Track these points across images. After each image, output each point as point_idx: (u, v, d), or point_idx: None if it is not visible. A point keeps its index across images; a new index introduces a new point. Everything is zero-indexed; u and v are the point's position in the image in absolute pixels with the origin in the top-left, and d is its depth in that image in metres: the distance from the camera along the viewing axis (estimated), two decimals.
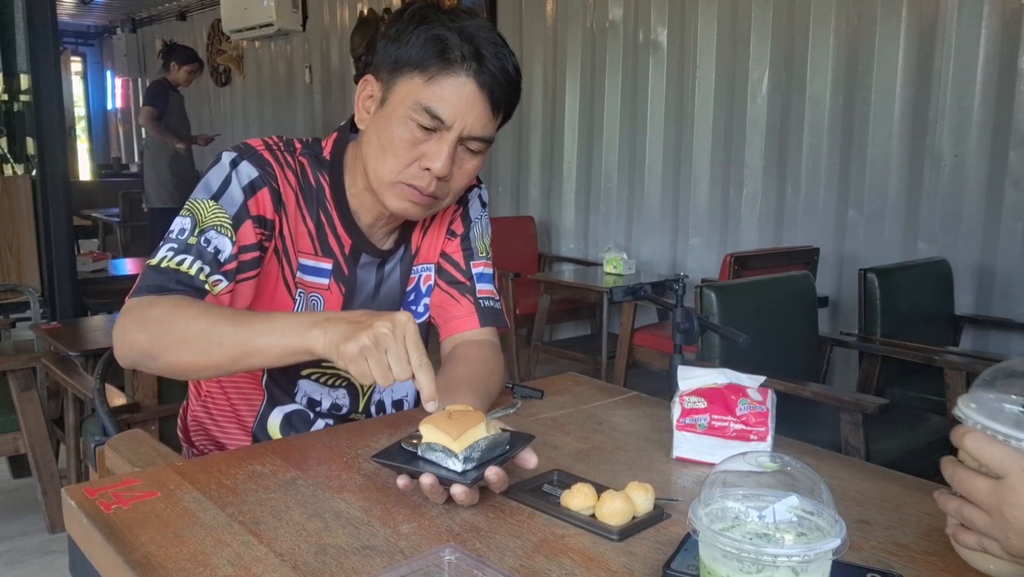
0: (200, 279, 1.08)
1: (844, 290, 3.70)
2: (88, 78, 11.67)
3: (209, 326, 1.00)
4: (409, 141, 1.11)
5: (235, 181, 1.14)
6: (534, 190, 5.21)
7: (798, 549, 0.54)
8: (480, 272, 1.34)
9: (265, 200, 1.15)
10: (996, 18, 3.18)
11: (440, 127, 1.10)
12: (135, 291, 1.08)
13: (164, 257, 1.09)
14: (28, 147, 3.82)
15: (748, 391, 1.09)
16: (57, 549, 2.57)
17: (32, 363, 2.56)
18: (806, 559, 0.54)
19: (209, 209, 1.12)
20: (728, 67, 4.09)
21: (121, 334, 1.05)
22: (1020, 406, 0.62)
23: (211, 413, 1.32)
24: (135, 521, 0.86)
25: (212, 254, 1.10)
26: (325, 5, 6.77)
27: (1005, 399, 0.63)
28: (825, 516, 0.58)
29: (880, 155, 3.55)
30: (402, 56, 1.11)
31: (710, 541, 0.56)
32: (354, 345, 0.90)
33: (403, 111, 1.11)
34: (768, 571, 0.54)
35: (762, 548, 0.54)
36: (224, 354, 0.99)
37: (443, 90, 1.09)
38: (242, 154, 1.16)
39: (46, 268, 3.71)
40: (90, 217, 7.11)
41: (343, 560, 0.79)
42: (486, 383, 1.21)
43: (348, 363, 0.91)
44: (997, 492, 0.59)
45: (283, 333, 0.97)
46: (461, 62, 1.09)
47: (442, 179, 1.14)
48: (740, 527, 0.58)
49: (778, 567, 0.54)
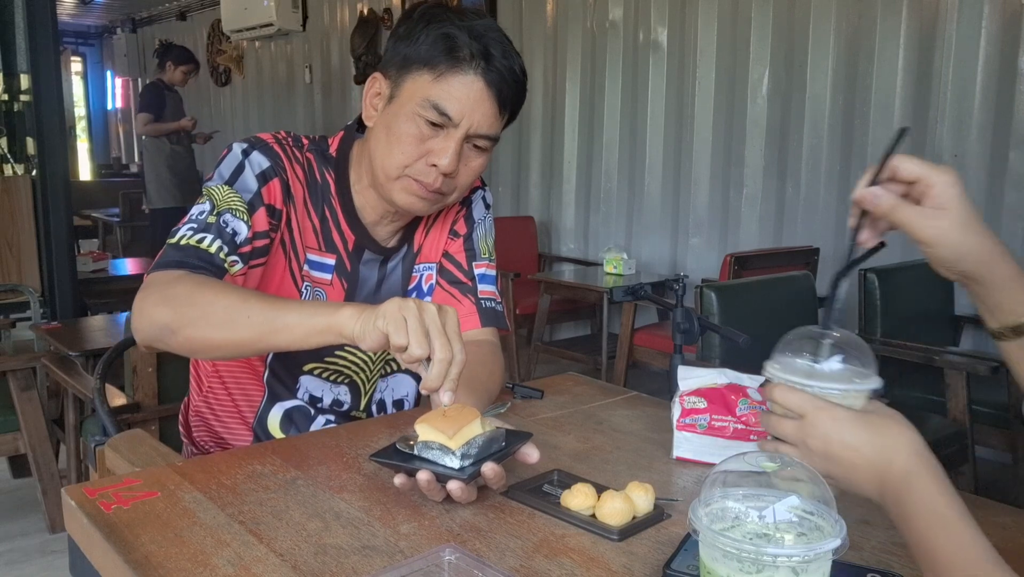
0: (220, 257, 1.09)
1: (844, 290, 3.70)
2: (88, 78, 11.67)
3: (239, 300, 1.00)
4: (416, 137, 1.12)
5: (248, 169, 1.16)
6: (534, 190, 5.21)
7: (798, 549, 0.55)
8: (482, 273, 1.35)
9: (276, 190, 1.17)
10: (996, 18, 3.18)
11: (447, 124, 1.11)
12: (155, 267, 1.08)
13: (184, 235, 1.10)
14: (28, 147, 3.82)
15: (748, 391, 1.09)
16: (57, 549, 2.57)
17: (32, 363, 2.56)
18: (806, 559, 0.54)
19: (225, 193, 1.14)
20: (728, 67, 4.09)
21: (141, 308, 1.04)
22: (809, 361, 0.79)
23: (213, 408, 1.33)
24: (135, 521, 0.86)
25: (230, 235, 1.11)
26: (325, 5, 6.77)
27: (799, 356, 0.80)
28: (825, 516, 0.59)
29: (880, 155, 3.55)
30: (411, 54, 1.12)
31: (710, 541, 0.56)
32: (394, 306, 0.90)
33: (411, 107, 1.12)
34: (768, 571, 0.54)
35: (762, 548, 0.55)
36: (251, 328, 0.98)
37: (451, 87, 1.10)
38: (253, 145, 1.18)
39: (46, 268, 3.71)
40: (90, 217, 7.11)
41: (343, 560, 0.79)
42: (486, 384, 1.21)
43: (387, 319, 0.89)
44: (800, 429, 0.73)
45: (313, 311, 0.97)
46: (470, 60, 1.10)
47: (448, 176, 1.14)
48: (740, 527, 0.58)
49: (778, 567, 0.54)
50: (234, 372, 1.29)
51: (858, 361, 0.80)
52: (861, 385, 0.72)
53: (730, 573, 0.55)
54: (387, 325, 0.89)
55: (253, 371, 1.28)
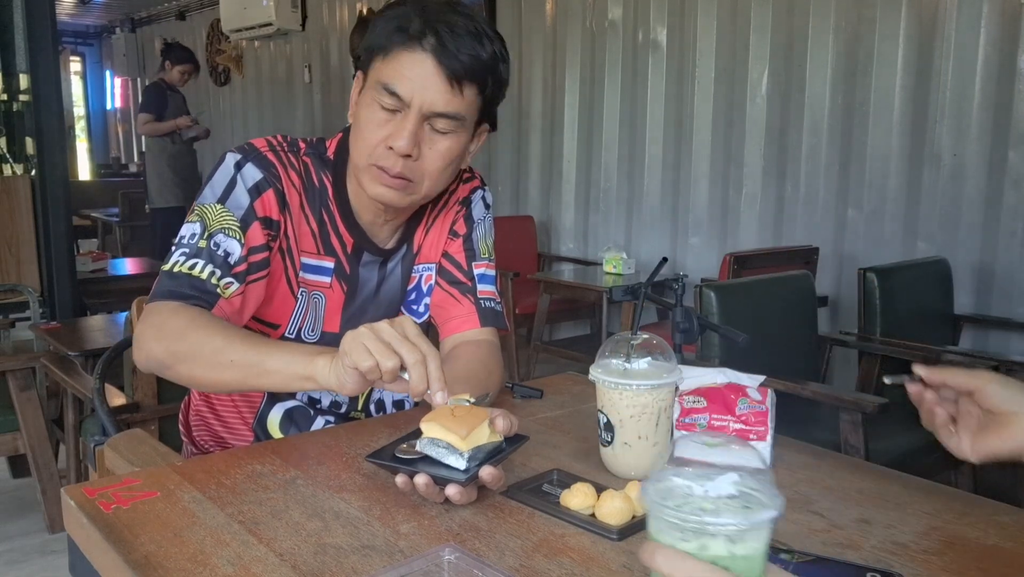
0: (212, 283, 1.10)
1: (844, 289, 3.70)
2: (87, 78, 11.66)
3: (224, 344, 1.02)
4: (376, 123, 1.13)
5: (240, 184, 1.16)
6: (534, 190, 5.21)
7: (735, 519, 0.58)
8: (482, 273, 1.34)
9: (271, 201, 1.17)
10: (996, 18, 3.18)
11: (400, 105, 1.11)
12: (151, 297, 1.10)
13: (176, 262, 1.11)
14: (28, 147, 3.82)
15: (748, 390, 1.09)
16: (57, 549, 2.57)
17: (32, 363, 2.56)
18: (741, 529, 0.58)
19: (216, 213, 1.14)
20: (728, 67, 4.09)
21: (139, 343, 1.09)
22: (623, 363, 1.01)
23: (214, 407, 1.33)
24: (135, 521, 0.86)
25: (222, 257, 1.11)
26: (324, 5, 6.76)
27: (616, 358, 1.01)
28: (765, 490, 0.62)
29: (880, 155, 3.56)
30: (370, 43, 1.14)
31: (655, 514, 0.60)
32: (348, 339, 0.92)
33: (370, 95, 1.13)
34: (704, 539, 0.58)
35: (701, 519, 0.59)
36: (236, 372, 1.02)
37: (400, 65, 1.10)
38: (246, 156, 1.18)
39: (46, 268, 3.71)
40: (90, 217, 7.11)
41: (343, 560, 0.79)
42: (485, 383, 1.21)
43: (349, 354, 0.91)
44: None
45: (291, 359, 0.99)
46: (419, 38, 1.09)
47: (408, 158, 1.13)
48: (688, 503, 0.62)
49: (715, 536, 0.58)
50: None
51: (663, 357, 1.00)
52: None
53: (672, 542, 0.60)
54: (352, 359, 0.91)
55: None
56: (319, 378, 0.96)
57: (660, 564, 0.60)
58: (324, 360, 0.96)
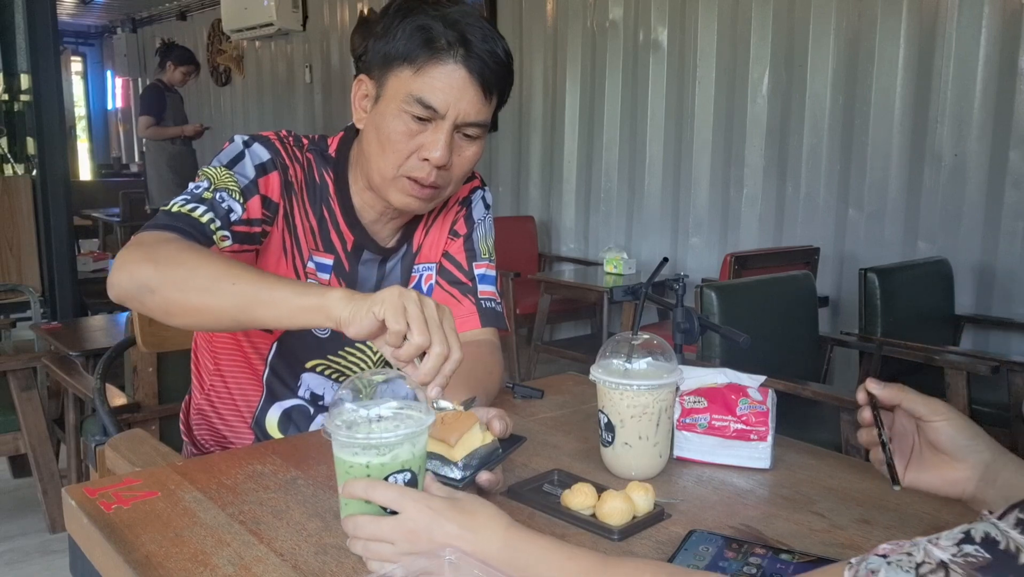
0: (210, 228, 1.09)
1: (844, 290, 3.70)
2: (88, 78, 11.66)
3: (225, 268, 0.97)
4: (405, 134, 1.12)
5: (248, 158, 1.16)
6: (534, 190, 5.21)
7: (387, 434, 0.78)
8: (482, 273, 1.35)
9: (274, 182, 1.17)
10: (996, 18, 3.18)
11: (434, 116, 1.11)
12: (145, 228, 1.06)
13: (177, 203, 1.10)
14: (28, 147, 3.82)
15: (748, 391, 1.09)
16: (57, 549, 2.57)
17: (32, 363, 2.56)
18: (386, 441, 0.78)
19: (222, 174, 1.14)
20: (728, 67, 4.09)
21: (123, 263, 1.01)
22: (624, 363, 1.04)
23: (215, 406, 1.33)
24: (135, 521, 0.86)
25: (224, 210, 1.11)
26: (325, 5, 6.76)
27: (616, 358, 1.04)
28: (418, 411, 0.82)
29: (880, 155, 3.55)
30: (390, 51, 1.12)
31: (331, 431, 0.79)
32: (393, 293, 0.86)
33: (396, 105, 1.12)
34: (370, 454, 0.78)
35: (356, 435, 0.78)
36: (234, 297, 0.94)
37: (433, 79, 1.10)
38: (255, 138, 1.19)
39: (46, 268, 3.71)
40: (90, 217, 7.10)
41: (343, 560, 0.79)
42: (484, 383, 1.21)
43: (386, 306, 0.85)
44: (398, 530, 0.76)
45: (303, 290, 0.93)
46: (448, 49, 1.09)
47: (442, 168, 1.14)
48: (357, 427, 0.80)
49: (377, 447, 0.78)
50: (234, 371, 1.29)
51: (664, 358, 1.02)
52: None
53: (341, 456, 0.79)
54: (384, 311, 0.85)
55: (252, 370, 1.28)
56: (331, 308, 0.89)
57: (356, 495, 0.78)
58: (340, 292, 0.90)
